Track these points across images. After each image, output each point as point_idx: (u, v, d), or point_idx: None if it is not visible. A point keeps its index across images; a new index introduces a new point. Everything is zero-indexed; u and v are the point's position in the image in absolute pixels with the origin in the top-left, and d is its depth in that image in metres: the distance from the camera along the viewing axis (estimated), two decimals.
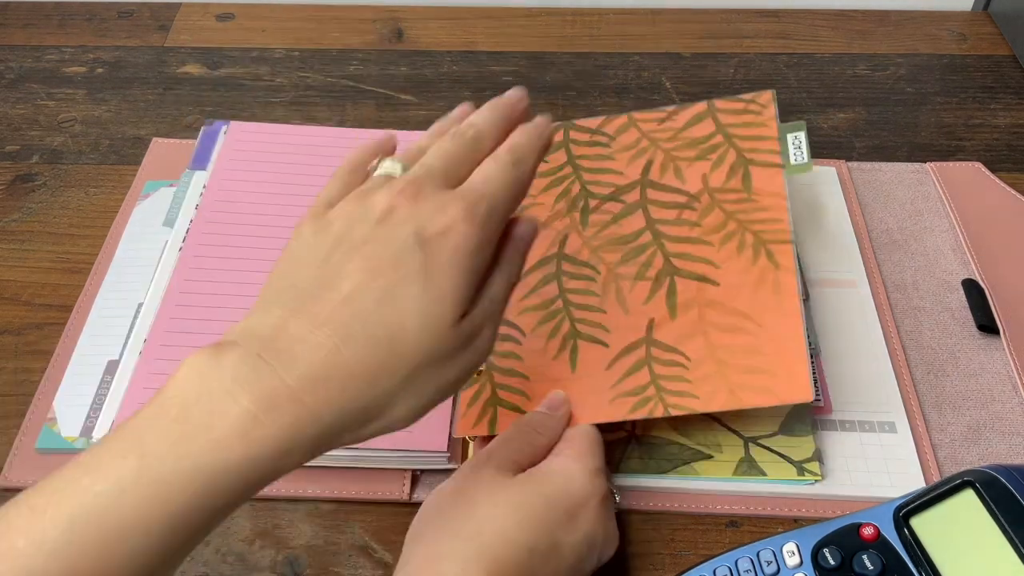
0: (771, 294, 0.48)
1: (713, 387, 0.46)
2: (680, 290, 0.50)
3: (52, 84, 0.72)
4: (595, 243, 0.53)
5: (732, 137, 0.55)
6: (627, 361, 0.48)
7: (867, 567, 0.39)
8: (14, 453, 0.49)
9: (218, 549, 0.45)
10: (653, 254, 0.51)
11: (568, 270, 0.52)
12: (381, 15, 0.79)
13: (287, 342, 0.32)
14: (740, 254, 0.50)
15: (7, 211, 0.62)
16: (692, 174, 0.54)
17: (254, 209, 0.58)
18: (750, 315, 0.48)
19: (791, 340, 0.46)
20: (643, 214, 0.53)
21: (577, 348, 0.49)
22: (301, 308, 0.33)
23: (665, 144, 0.56)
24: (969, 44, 0.75)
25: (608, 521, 0.41)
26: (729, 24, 0.77)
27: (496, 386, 0.49)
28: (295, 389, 0.31)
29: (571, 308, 0.50)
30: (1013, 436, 0.49)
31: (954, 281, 0.56)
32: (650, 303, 0.50)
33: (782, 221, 0.51)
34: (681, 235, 0.52)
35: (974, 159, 0.64)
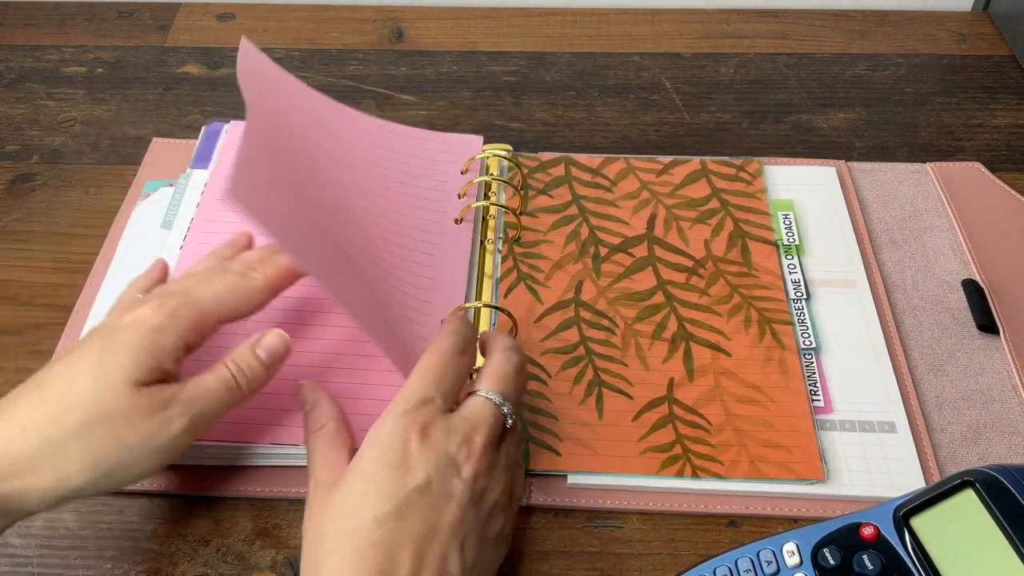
0: (778, 373, 0.51)
1: (735, 456, 0.48)
2: (696, 355, 0.52)
3: (52, 84, 0.72)
4: (610, 295, 0.55)
5: (728, 204, 0.60)
6: (652, 416, 0.49)
7: (867, 567, 0.39)
8: None
9: (218, 548, 0.45)
10: (668, 315, 0.54)
11: (586, 317, 0.54)
12: (381, 15, 0.79)
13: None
14: (747, 329, 0.53)
15: (7, 211, 0.62)
16: (694, 237, 0.58)
17: None
18: (762, 389, 0.50)
19: (801, 419, 0.49)
20: (653, 272, 0.56)
21: (603, 396, 0.50)
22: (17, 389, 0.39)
23: (666, 200, 0.60)
24: (969, 44, 0.75)
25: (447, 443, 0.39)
26: (729, 24, 0.77)
27: (528, 423, 0.49)
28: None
29: (593, 356, 0.52)
30: (1013, 436, 0.49)
31: (954, 281, 0.56)
32: (668, 363, 0.52)
33: (781, 301, 0.54)
34: (692, 301, 0.55)
35: (974, 159, 0.64)
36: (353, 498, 0.38)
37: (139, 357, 0.38)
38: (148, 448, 0.38)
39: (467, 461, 0.39)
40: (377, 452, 0.38)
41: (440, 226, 0.57)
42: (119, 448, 0.38)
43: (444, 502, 0.38)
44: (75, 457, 0.37)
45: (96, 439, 0.37)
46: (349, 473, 0.39)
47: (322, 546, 0.37)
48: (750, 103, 0.70)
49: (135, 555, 0.45)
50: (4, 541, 0.46)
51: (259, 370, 0.42)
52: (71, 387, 0.38)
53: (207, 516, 0.46)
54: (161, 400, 0.39)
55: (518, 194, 0.59)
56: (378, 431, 0.39)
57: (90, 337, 0.40)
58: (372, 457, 0.38)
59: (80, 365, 0.38)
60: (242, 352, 0.42)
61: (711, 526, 0.46)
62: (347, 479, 0.39)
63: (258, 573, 0.45)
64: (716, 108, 0.70)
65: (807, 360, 0.52)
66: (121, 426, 0.38)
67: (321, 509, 0.39)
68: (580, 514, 0.47)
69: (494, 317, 0.53)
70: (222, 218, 0.57)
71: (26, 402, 0.38)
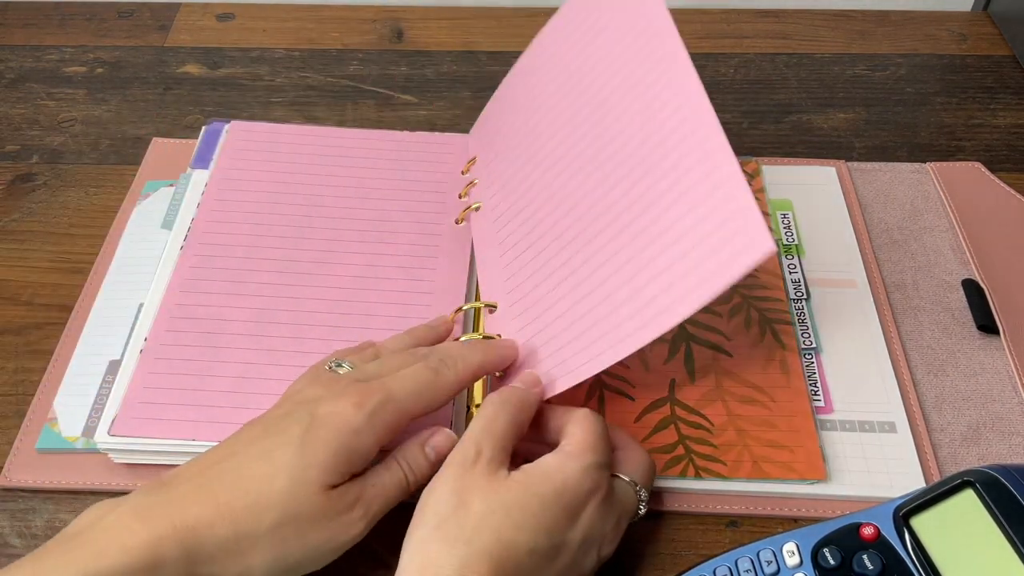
0: (780, 373, 0.51)
1: (738, 456, 0.47)
2: (696, 356, 0.52)
3: (52, 84, 0.72)
4: None
5: None
6: (654, 417, 0.49)
7: (867, 567, 0.39)
8: (14, 453, 0.49)
9: None
10: None
11: None
12: (381, 15, 0.79)
13: (178, 482, 0.38)
14: (748, 330, 0.53)
15: (7, 211, 0.62)
16: None
17: (255, 208, 0.58)
18: (763, 389, 0.50)
19: (802, 419, 0.49)
20: None
21: (604, 398, 0.50)
22: (202, 459, 0.40)
23: None
24: (969, 44, 0.75)
25: (607, 518, 0.41)
26: (729, 24, 0.77)
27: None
28: (171, 515, 0.37)
29: None
30: (1013, 436, 0.49)
31: (954, 281, 0.56)
32: (669, 364, 0.52)
33: (782, 301, 0.54)
34: None
35: (974, 159, 0.64)
36: (516, 509, 0.38)
37: (336, 460, 0.39)
38: (329, 548, 0.39)
39: (608, 543, 0.41)
40: (559, 487, 0.39)
41: (440, 227, 0.57)
42: (304, 548, 0.38)
43: (577, 568, 0.39)
44: (262, 552, 0.38)
45: (285, 538, 0.38)
46: (524, 478, 0.39)
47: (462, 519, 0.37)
48: (750, 103, 0.70)
49: None
50: (4, 542, 0.46)
51: (427, 469, 0.42)
52: (271, 483, 0.38)
53: None
54: (347, 503, 0.39)
55: None
56: (568, 465, 0.39)
57: (290, 419, 0.40)
58: (554, 488, 0.39)
59: (280, 458, 0.38)
60: (412, 451, 0.42)
61: (711, 526, 0.46)
62: (521, 483, 0.39)
63: None
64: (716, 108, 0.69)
65: (807, 360, 0.52)
66: (309, 528, 0.38)
67: (478, 479, 0.38)
68: None
69: None
70: (222, 218, 0.57)
71: (227, 485, 0.38)
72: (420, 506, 0.39)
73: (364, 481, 0.40)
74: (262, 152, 0.61)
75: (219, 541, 0.37)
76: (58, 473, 0.48)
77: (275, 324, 0.52)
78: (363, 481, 0.40)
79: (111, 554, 0.36)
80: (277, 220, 0.57)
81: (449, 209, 0.58)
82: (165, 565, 0.36)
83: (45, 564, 0.36)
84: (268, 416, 0.41)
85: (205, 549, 0.37)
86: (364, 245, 0.56)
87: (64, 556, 0.36)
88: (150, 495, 0.38)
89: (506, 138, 0.58)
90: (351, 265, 0.55)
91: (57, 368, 0.52)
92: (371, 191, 0.59)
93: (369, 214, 0.58)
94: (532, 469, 0.40)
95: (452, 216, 0.58)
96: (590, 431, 0.41)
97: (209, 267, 0.54)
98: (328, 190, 0.59)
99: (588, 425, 0.42)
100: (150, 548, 0.36)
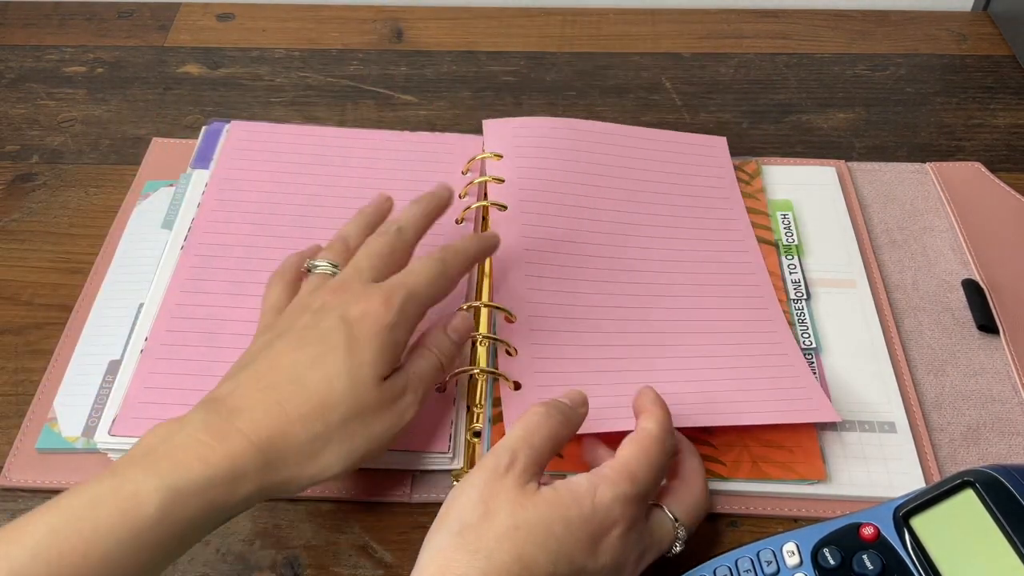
0: None
1: (737, 456, 0.47)
2: None
3: (52, 84, 0.72)
4: None
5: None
6: None
7: (867, 567, 0.39)
8: (14, 453, 0.49)
9: (218, 549, 0.45)
10: None
11: None
12: (381, 15, 0.79)
13: (236, 400, 0.40)
14: None
15: (7, 211, 0.62)
16: None
17: (255, 208, 0.58)
18: None
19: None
20: None
21: None
22: (249, 377, 0.41)
23: None
24: (969, 44, 0.75)
25: (633, 549, 0.39)
26: (729, 24, 0.77)
27: None
28: (243, 429, 0.39)
29: None
30: (1013, 436, 0.49)
31: (954, 281, 0.56)
32: None
33: (781, 301, 0.55)
34: None
35: (974, 159, 0.64)
36: (541, 529, 0.37)
37: (382, 356, 0.42)
38: (390, 435, 0.42)
39: (629, 573, 0.40)
40: (588, 512, 0.38)
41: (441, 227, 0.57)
42: (369, 438, 0.41)
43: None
44: (335, 448, 0.40)
45: (352, 432, 0.41)
46: (554, 497, 0.38)
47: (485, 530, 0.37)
48: (750, 103, 0.70)
49: None
50: None
51: (452, 350, 0.46)
52: (330, 385, 0.40)
53: None
54: (398, 390, 0.42)
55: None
56: (601, 490, 0.39)
57: (327, 328, 0.42)
58: (581, 513, 0.38)
59: (333, 362, 0.41)
60: (439, 336, 0.46)
61: (711, 526, 0.46)
62: (549, 502, 0.38)
63: (258, 573, 0.45)
64: (716, 108, 0.70)
65: (807, 360, 0.52)
66: (371, 418, 0.41)
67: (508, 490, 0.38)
68: None
69: (494, 317, 0.53)
70: (223, 218, 0.57)
71: (290, 397, 0.40)
72: (446, 506, 0.39)
73: (406, 370, 0.44)
74: (262, 152, 0.61)
75: (295, 445, 0.40)
76: (58, 473, 0.48)
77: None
78: (406, 370, 0.44)
79: (194, 467, 0.37)
80: (277, 220, 0.57)
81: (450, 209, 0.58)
82: (247, 475, 0.38)
83: (126, 477, 0.37)
84: (294, 327, 0.43)
85: (282, 455, 0.39)
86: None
87: (146, 470, 0.37)
88: (216, 414, 0.40)
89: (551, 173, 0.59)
90: None
91: (57, 368, 0.52)
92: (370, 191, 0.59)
93: None
94: (563, 488, 0.39)
95: (452, 215, 0.58)
96: (637, 456, 0.40)
97: (209, 267, 0.54)
98: (328, 190, 0.59)
99: (638, 449, 0.41)
100: (230, 460, 0.38)
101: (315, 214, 0.57)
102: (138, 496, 0.36)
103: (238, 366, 0.43)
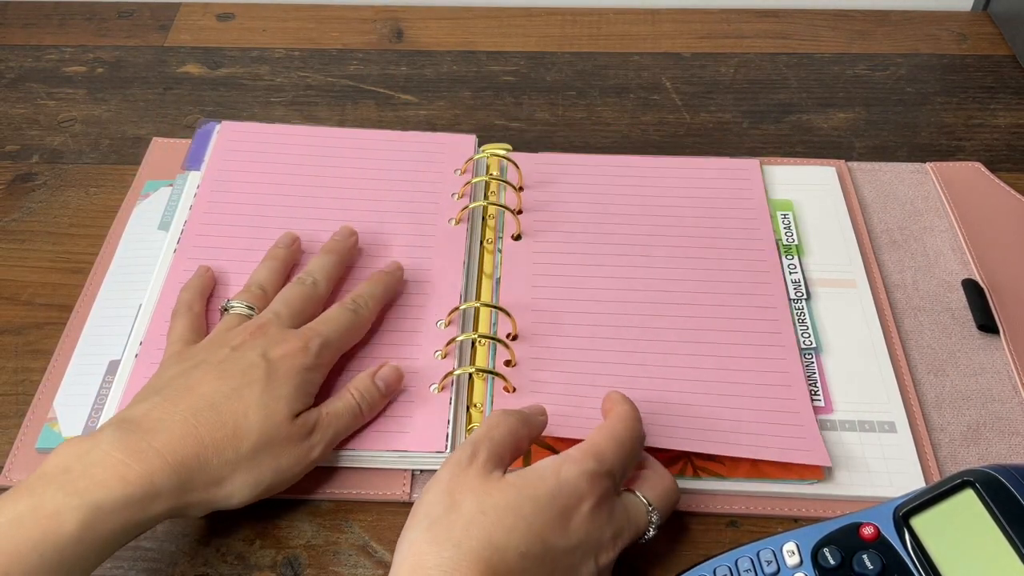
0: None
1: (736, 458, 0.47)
2: None
3: (52, 84, 0.72)
4: None
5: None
6: None
7: (867, 567, 0.39)
8: (14, 453, 0.49)
9: (218, 548, 0.45)
10: None
11: None
12: (381, 15, 0.79)
13: (152, 422, 0.42)
14: None
15: (7, 211, 0.62)
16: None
17: (247, 209, 0.58)
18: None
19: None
20: None
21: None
22: (164, 400, 0.43)
23: None
24: (969, 44, 0.75)
25: (605, 526, 0.40)
26: (729, 24, 0.77)
27: None
28: (160, 450, 0.41)
29: None
30: (1013, 436, 0.49)
31: (954, 281, 0.56)
32: None
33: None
34: None
35: (974, 159, 0.64)
36: (509, 512, 0.38)
37: (297, 393, 0.45)
38: (296, 470, 0.44)
39: (606, 551, 0.40)
40: (554, 489, 0.39)
41: (434, 228, 0.57)
42: (277, 470, 0.44)
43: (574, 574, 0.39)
44: (243, 476, 0.42)
45: (260, 463, 0.43)
46: (518, 480, 0.39)
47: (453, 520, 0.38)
48: (750, 103, 0.70)
49: (135, 555, 0.45)
50: None
51: (378, 398, 0.48)
52: (245, 416, 0.43)
53: (207, 516, 0.46)
54: (307, 428, 0.45)
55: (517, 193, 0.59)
56: (566, 468, 0.40)
57: (247, 364, 0.45)
58: (548, 490, 0.39)
59: (250, 395, 0.43)
60: (364, 382, 0.48)
61: (711, 526, 0.46)
62: (514, 485, 0.39)
63: (258, 573, 0.45)
64: (716, 108, 0.70)
65: (807, 360, 0.52)
66: (280, 451, 0.44)
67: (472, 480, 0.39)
68: None
69: (494, 317, 0.53)
70: (214, 220, 0.57)
71: (206, 423, 0.42)
72: (415, 505, 0.40)
73: (320, 410, 0.46)
74: (253, 152, 0.61)
75: (207, 470, 0.41)
76: None
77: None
78: (319, 410, 0.46)
79: (113, 486, 0.39)
80: (270, 221, 0.57)
81: (443, 209, 0.58)
82: (161, 495, 0.40)
83: (45, 496, 0.38)
84: (209, 360, 0.45)
85: (194, 477, 0.41)
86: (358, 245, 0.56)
87: (64, 488, 0.38)
88: (132, 434, 0.41)
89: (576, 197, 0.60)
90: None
91: (57, 368, 0.52)
92: (363, 191, 0.59)
93: (362, 215, 0.58)
94: (528, 472, 0.40)
95: (447, 216, 0.58)
96: (604, 437, 0.42)
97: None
98: (320, 190, 0.59)
99: (606, 432, 0.42)
100: (147, 479, 0.40)
101: (306, 215, 0.57)
102: (59, 515, 0.37)
103: (149, 390, 0.45)
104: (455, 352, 0.51)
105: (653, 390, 0.49)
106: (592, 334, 0.52)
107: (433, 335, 0.52)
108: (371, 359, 0.50)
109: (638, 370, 0.50)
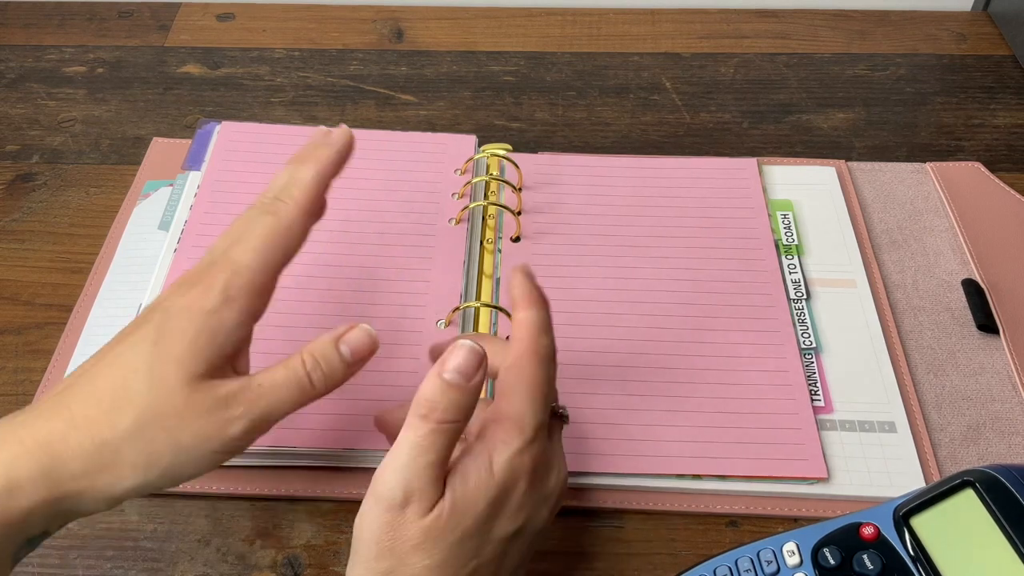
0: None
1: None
2: None
3: (52, 84, 0.72)
4: None
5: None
6: None
7: (867, 567, 0.39)
8: None
9: (218, 548, 0.45)
10: None
11: None
12: (381, 15, 0.79)
13: (32, 408, 0.35)
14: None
15: (7, 211, 0.62)
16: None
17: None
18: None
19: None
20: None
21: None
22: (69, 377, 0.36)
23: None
24: (969, 44, 0.75)
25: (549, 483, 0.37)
26: (729, 24, 0.77)
27: None
28: (19, 434, 0.34)
29: None
30: (1013, 436, 0.49)
31: (954, 281, 0.56)
32: None
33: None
34: None
35: (974, 159, 0.64)
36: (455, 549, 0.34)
37: (195, 347, 0.35)
38: (205, 450, 0.35)
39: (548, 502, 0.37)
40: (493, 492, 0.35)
41: (433, 228, 0.57)
42: (174, 450, 0.35)
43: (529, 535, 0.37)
44: (129, 459, 0.34)
45: (150, 440, 0.34)
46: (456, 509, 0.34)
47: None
48: (750, 103, 0.70)
49: (135, 555, 0.45)
50: None
51: (339, 368, 0.37)
52: (124, 384, 0.34)
53: (207, 516, 0.46)
54: (221, 398, 0.35)
55: (516, 193, 0.59)
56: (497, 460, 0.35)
57: (143, 320, 0.36)
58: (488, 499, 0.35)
59: (132, 358, 0.35)
60: (322, 345, 0.37)
61: (711, 526, 0.46)
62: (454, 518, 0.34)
63: (258, 573, 0.45)
64: (716, 108, 0.70)
65: (807, 360, 0.52)
66: (176, 427, 0.34)
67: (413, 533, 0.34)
68: (579, 513, 0.47)
69: (495, 317, 0.53)
70: (215, 220, 0.57)
71: (79, 396, 0.35)
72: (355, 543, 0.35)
73: (249, 378, 0.36)
74: (253, 153, 0.61)
75: (78, 454, 0.34)
76: None
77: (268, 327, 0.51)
78: (248, 378, 0.36)
79: None
80: None
81: (443, 209, 0.58)
82: (23, 486, 0.33)
83: None
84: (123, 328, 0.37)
85: (65, 465, 0.34)
86: (357, 245, 0.56)
87: None
88: (10, 422, 0.35)
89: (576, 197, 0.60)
90: (345, 267, 0.55)
91: (57, 368, 0.52)
92: (363, 191, 0.59)
93: (362, 214, 0.58)
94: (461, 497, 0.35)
95: (447, 216, 0.58)
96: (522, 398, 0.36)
97: None
98: None
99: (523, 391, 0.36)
100: (2, 469, 0.33)
101: None
102: None
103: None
104: None
105: (653, 394, 0.49)
106: (591, 334, 0.52)
107: (433, 335, 0.52)
108: None
109: (637, 372, 0.50)
